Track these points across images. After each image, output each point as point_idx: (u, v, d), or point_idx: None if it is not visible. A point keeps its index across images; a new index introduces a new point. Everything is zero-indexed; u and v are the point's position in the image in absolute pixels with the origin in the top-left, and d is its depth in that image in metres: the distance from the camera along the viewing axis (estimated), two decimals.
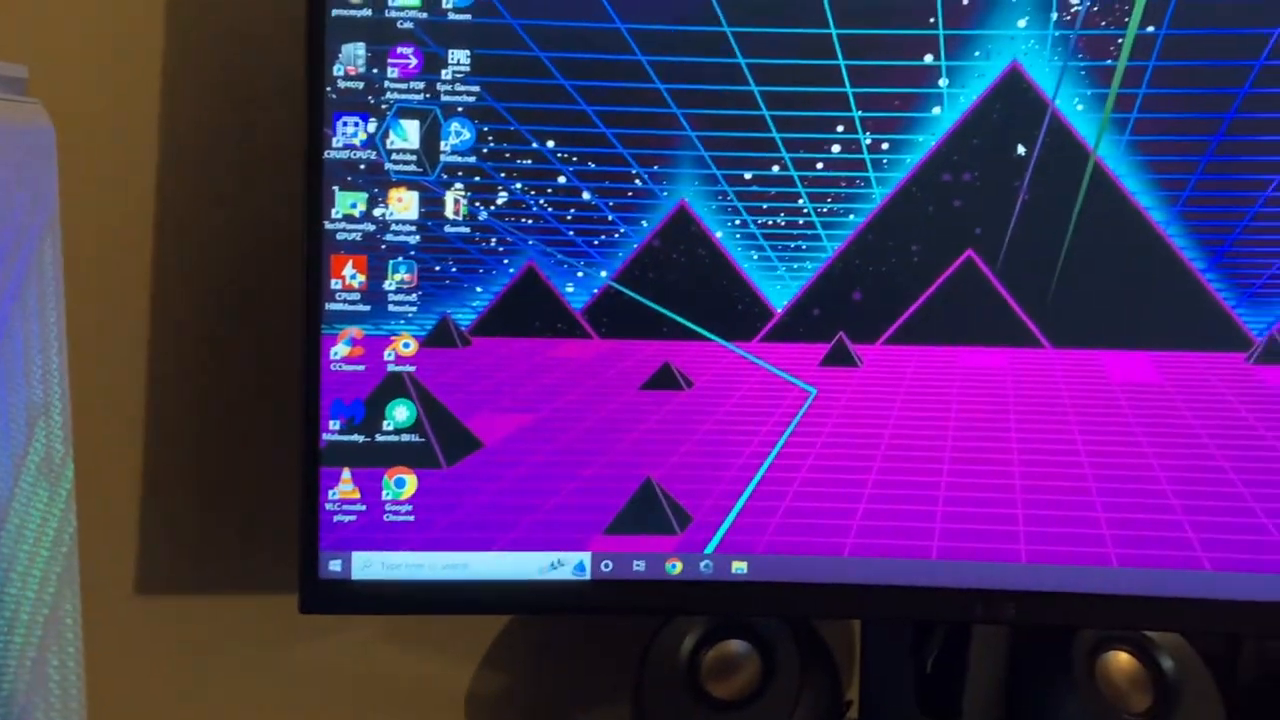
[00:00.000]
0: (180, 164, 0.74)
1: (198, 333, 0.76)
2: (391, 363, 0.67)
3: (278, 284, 0.73)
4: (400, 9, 0.65)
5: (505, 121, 0.66)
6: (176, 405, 0.76)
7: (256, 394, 0.76)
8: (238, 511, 0.77)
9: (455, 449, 0.67)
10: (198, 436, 0.77)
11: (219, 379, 0.77)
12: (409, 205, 0.66)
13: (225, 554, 0.78)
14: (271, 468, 0.74)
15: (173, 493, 0.76)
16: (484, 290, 0.67)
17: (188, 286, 0.75)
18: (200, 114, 0.74)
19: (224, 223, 0.76)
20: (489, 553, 0.68)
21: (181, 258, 0.75)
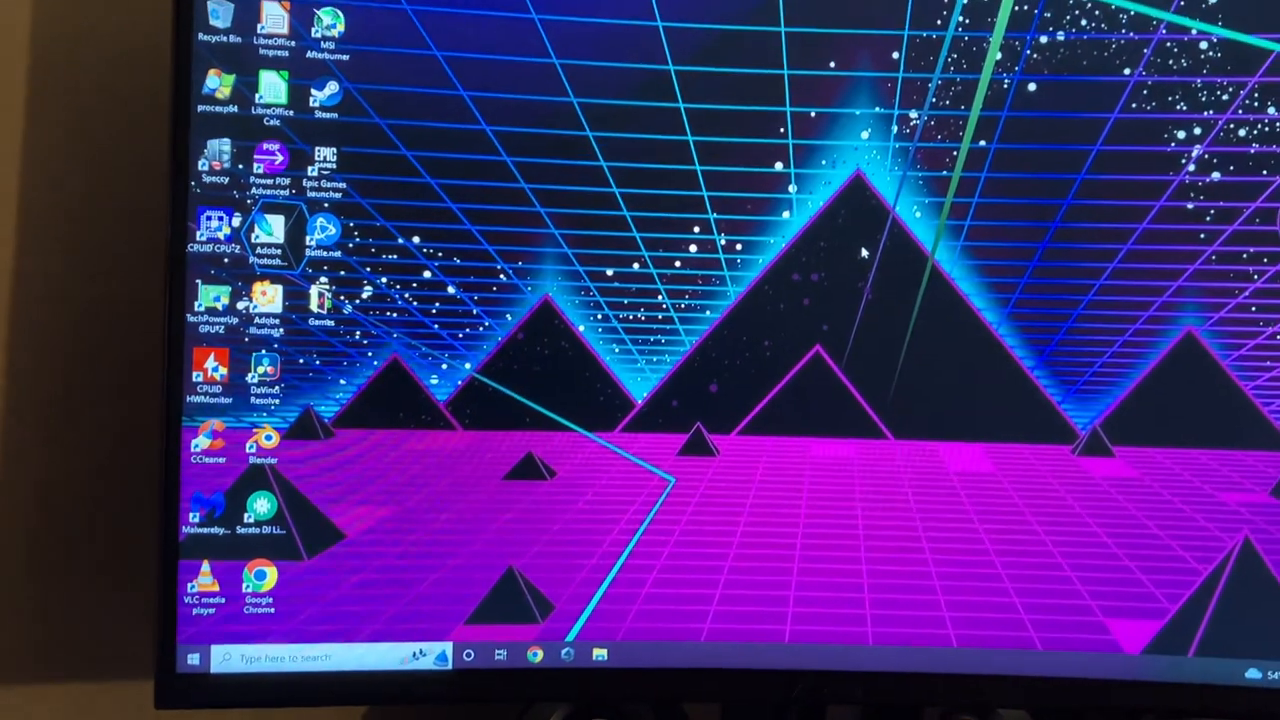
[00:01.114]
0: (37, 248, 0.74)
1: (57, 417, 0.75)
2: (253, 455, 0.68)
3: (138, 374, 0.73)
4: (267, 106, 0.67)
5: (371, 217, 0.68)
6: (29, 492, 0.75)
7: (114, 482, 0.76)
8: (88, 599, 0.76)
9: (317, 541, 0.68)
10: (52, 525, 0.76)
11: (71, 465, 0.76)
12: (273, 299, 0.68)
13: (74, 641, 0.77)
14: (126, 557, 0.74)
15: (24, 581, 0.75)
16: (347, 382, 0.69)
17: (47, 375, 0.75)
18: (61, 197, 0.75)
19: (82, 310, 0.75)
20: (351, 644, 0.69)
21: (40, 345, 0.74)
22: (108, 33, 0.75)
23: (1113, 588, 0.71)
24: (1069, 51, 0.69)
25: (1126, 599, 0.71)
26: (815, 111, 0.70)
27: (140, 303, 0.72)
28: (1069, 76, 0.69)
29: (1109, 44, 0.69)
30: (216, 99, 0.67)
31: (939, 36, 0.69)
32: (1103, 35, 0.69)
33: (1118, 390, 0.71)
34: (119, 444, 0.76)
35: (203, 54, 0.66)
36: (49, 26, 0.73)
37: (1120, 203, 0.70)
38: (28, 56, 0.73)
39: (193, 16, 0.66)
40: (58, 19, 0.74)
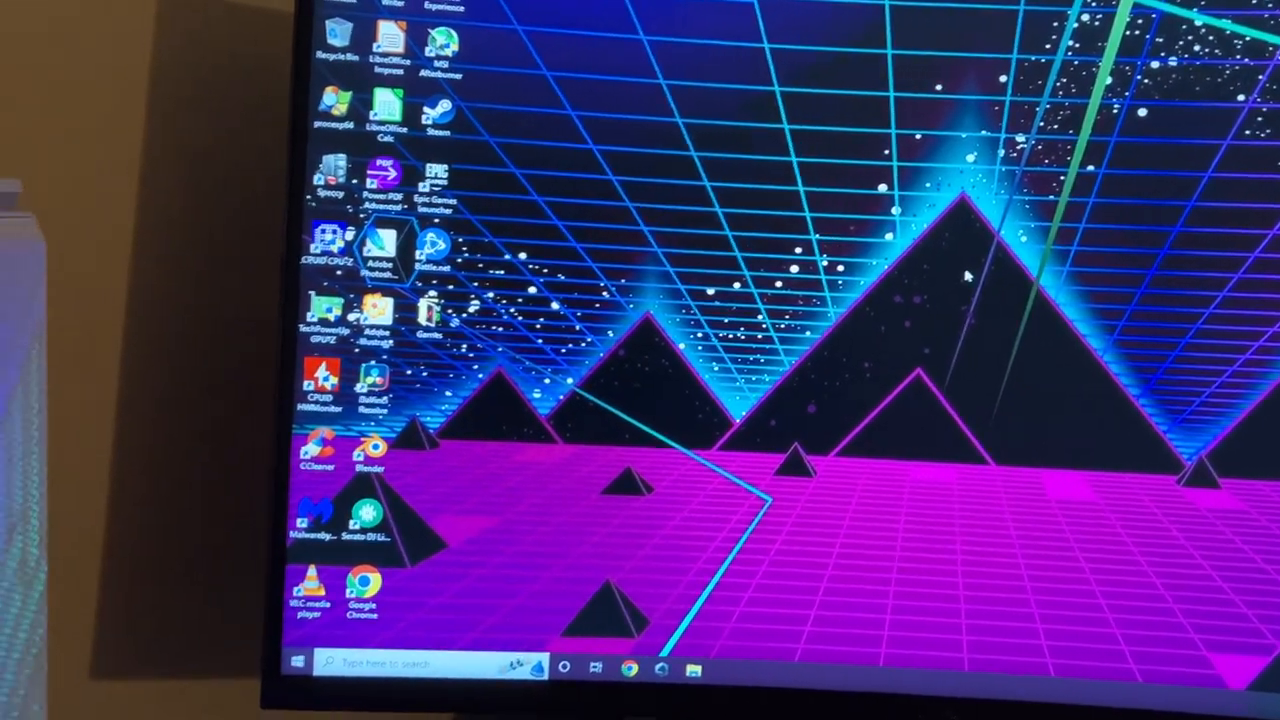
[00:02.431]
0: (155, 260, 0.77)
1: (169, 423, 0.79)
2: (360, 463, 0.70)
3: (252, 383, 0.76)
4: (381, 123, 0.70)
5: (479, 233, 0.70)
6: (143, 494, 0.78)
7: (226, 488, 0.79)
8: (200, 601, 0.79)
9: (419, 549, 0.71)
10: (163, 527, 0.79)
11: (184, 470, 0.79)
12: (383, 311, 0.70)
13: (184, 640, 0.80)
14: (236, 562, 0.77)
15: (134, 581, 0.78)
16: (453, 394, 0.71)
17: (162, 384, 0.78)
18: (180, 216, 0.78)
19: (198, 321, 0.79)
20: (449, 651, 0.71)
21: (155, 353, 0.78)
22: (226, 51, 0.78)
23: (1217, 621, 0.70)
24: (1181, 77, 0.69)
25: (1231, 633, 0.70)
26: (921, 134, 0.71)
27: (254, 314, 0.75)
28: (1181, 102, 0.69)
29: (1222, 70, 0.69)
30: (333, 115, 0.69)
31: (1048, 60, 0.70)
32: (1216, 61, 0.69)
33: (1225, 421, 0.71)
34: (230, 451, 0.79)
35: (321, 71, 0.69)
36: (170, 44, 0.77)
37: (1232, 230, 0.70)
38: (149, 73, 0.77)
39: (312, 35, 0.69)
40: (179, 37, 0.77)
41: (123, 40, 0.76)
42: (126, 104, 0.77)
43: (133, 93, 0.77)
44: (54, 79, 0.74)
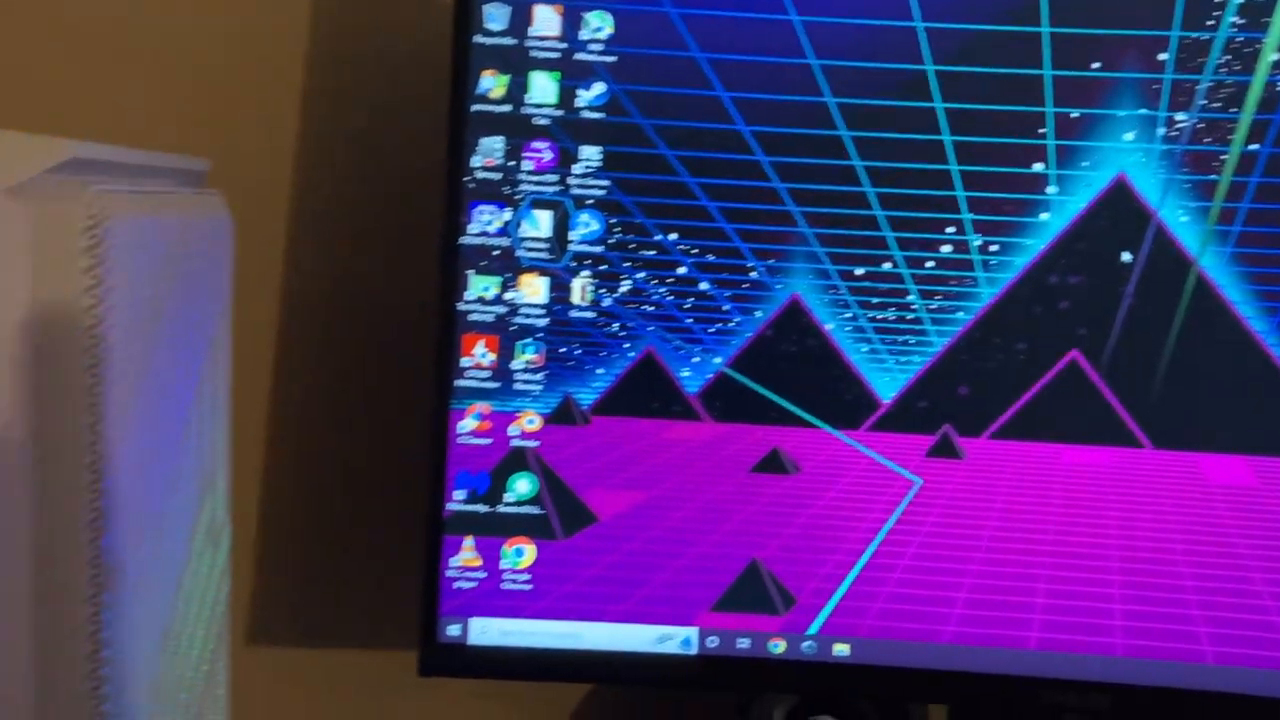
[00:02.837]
0: (316, 243, 0.80)
1: (329, 397, 0.82)
2: (516, 438, 0.72)
3: (410, 360, 0.79)
4: (538, 106, 0.71)
5: (631, 214, 0.72)
6: (301, 467, 0.81)
7: (383, 461, 0.82)
8: (356, 571, 0.83)
9: (572, 522, 0.72)
10: (321, 496, 0.82)
11: (346, 442, 0.82)
12: (538, 290, 0.72)
13: (340, 610, 0.83)
14: (392, 534, 0.79)
15: (291, 551, 0.81)
16: (605, 372, 0.72)
17: (321, 358, 0.81)
18: (342, 197, 0.81)
19: (357, 303, 0.82)
20: (601, 623, 0.72)
21: (315, 330, 0.81)
22: (382, 36, 0.81)
23: None
24: None
25: None
26: (1078, 113, 0.70)
27: (409, 294, 0.77)
28: None
29: None
30: (490, 99, 0.71)
31: (1209, 38, 0.69)
32: None
33: None
34: (388, 425, 0.81)
35: (479, 56, 0.71)
36: (325, 31, 0.79)
37: None
38: (304, 61, 0.80)
39: (470, 20, 0.71)
40: (334, 24, 0.80)
41: (277, 27, 0.79)
42: (283, 90, 0.80)
43: (288, 79, 0.80)
44: (209, 64, 0.78)
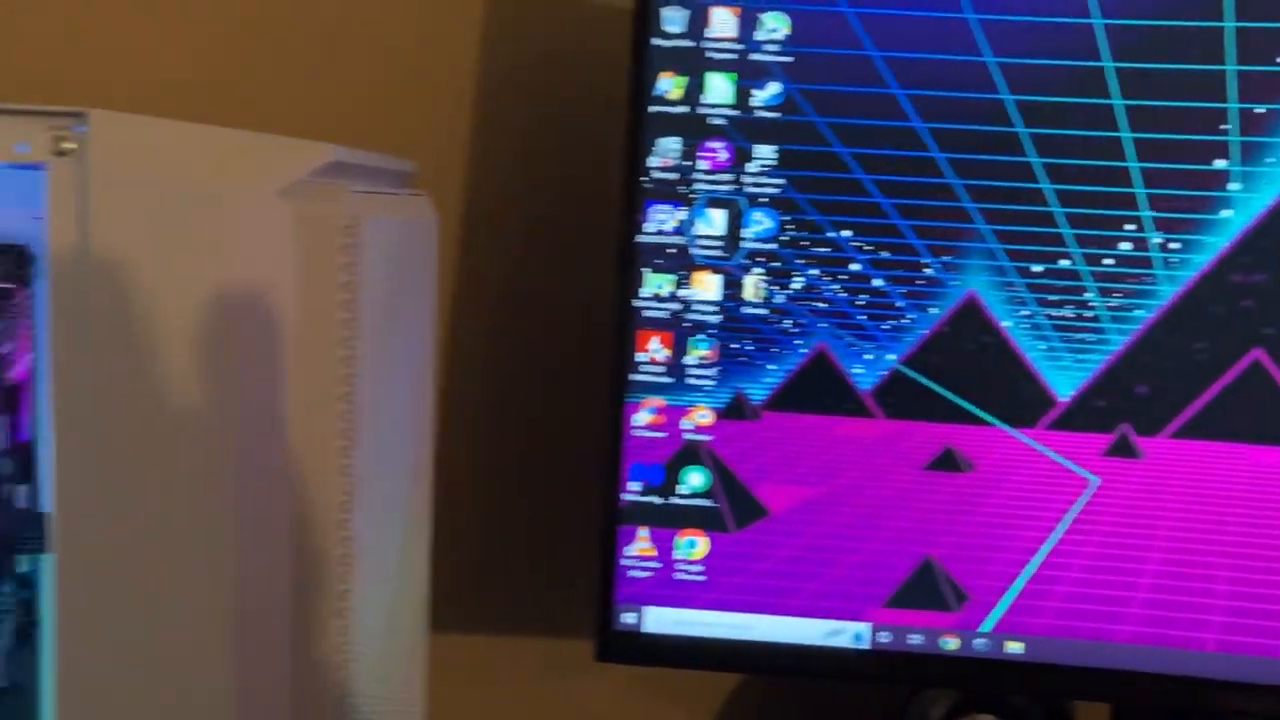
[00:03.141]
0: (494, 242, 0.83)
1: (508, 390, 0.84)
2: (689, 432, 0.74)
3: (581, 357, 0.81)
4: (714, 106, 0.73)
5: (805, 212, 0.73)
6: (479, 459, 0.84)
7: (560, 454, 0.84)
8: (534, 561, 0.85)
9: (744, 515, 0.74)
10: (499, 490, 0.85)
11: (524, 435, 0.85)
12: (711, 287, 0.74)
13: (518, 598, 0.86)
14: (565, 524, 0.82)
15: (471, 541, 0.84)
16: (777, 368, 0.74)
17: (500, 353, 0.84)
18: (519, 197, 0.83)
19: (538, 296, 0.84)
20: (772, 616, 0.74)
21: (493, 326, 0.84)
22: (560, 39, 0.83)
23: None
24: None
25: None
26: (1263, 108, 0.69)
27: (581, 293, 0.79)
28: None
29: None
30: (668, 100, 0.73)
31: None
32: None
33: None
34: (565, 419, 0.84)
35: (657, 58, 0.73)
36: (503, 35, 0.82)
37: None
38: (483, 64, 0.82)
39: (649, 23, 0.73)
40: (513, 29, 0.82)
41: (457, 32, 0.82)
42: (462, 92, 0.83)
43: (467, 82, 0.83)
44: (392, 66, 0.81)
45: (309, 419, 0.46)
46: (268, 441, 0.45)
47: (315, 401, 0.46)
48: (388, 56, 0.82)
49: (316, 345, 0.46)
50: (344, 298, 0.46)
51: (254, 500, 0.45)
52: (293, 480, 0.46)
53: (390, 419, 0.53)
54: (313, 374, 0.46)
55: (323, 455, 0.46)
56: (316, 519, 0.47)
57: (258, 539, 0.45)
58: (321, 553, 0.47)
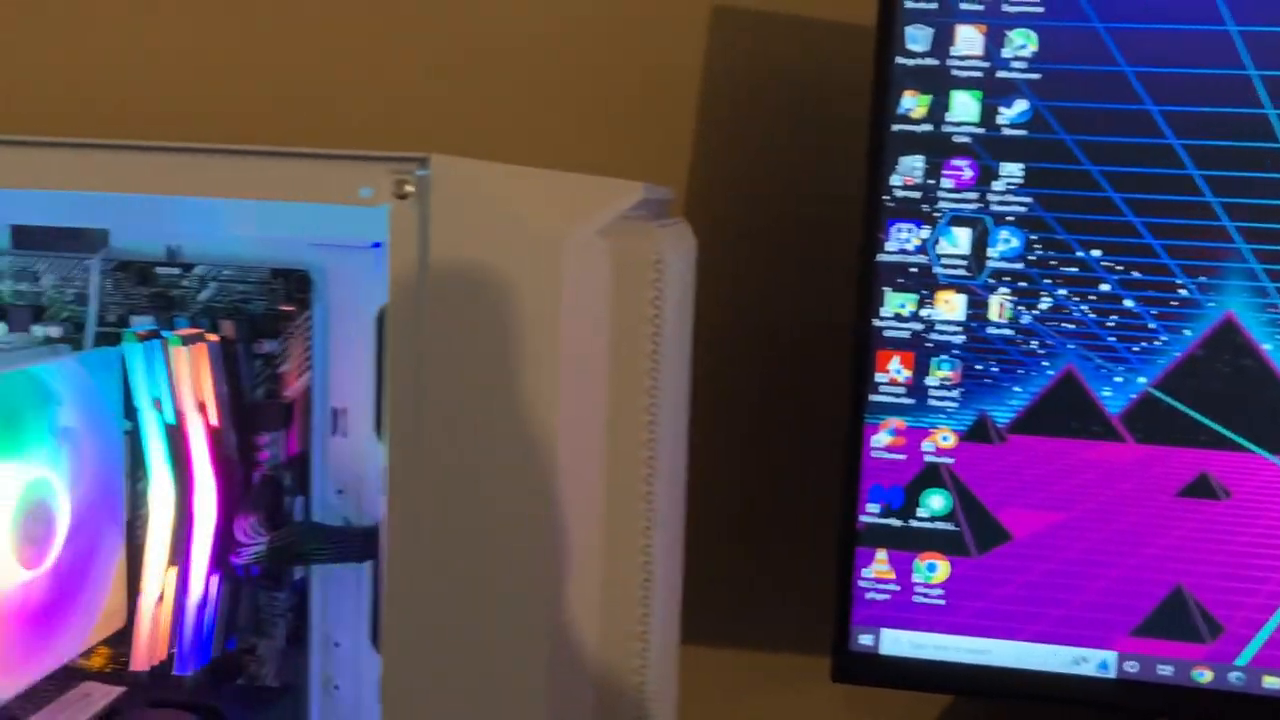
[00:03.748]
0: (733, 261, 0.84)
1: (747, 408, 0.86)
2: (930, 454, 0.74)
3: (819, 377, 0.82)
4: (958, 124, 0.73)
5: (1053, 231, 0.72)
6: (720, 479, 0.86)
7: (799, 472, 0.86)
8: (773, 579, 0.87)
9: (986, 539, 0.74)
10: (739, 509, 0.87)
11: (763, 453, 0.87)
12: (955, 307, 0.73)
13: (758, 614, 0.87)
14: (806, 545, 0.83)
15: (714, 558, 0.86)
16: (1022, 390, 0.73)
17: (739, 371, 0.86)
18: (758, 215, 0.85)
19: (777, 315, 0.85)
20: (1014, 641, 0.73)
21: (733, 344, 0.85)
22: (802, 58, 0.84)
23: None
24: None
25: None
26: None
27: (825, 310, 0.80)
28: None
29: None
30: (911, 119, 0.73)
31: None
32: None
33: None
34: (804, 438, 0.85)
35: (900, 76, 0.73)
36: (745, 54, 0.84)
37: None
38: (723, 85, 0.84)
39: (892, 42, 0.73)
40: (755, 49, 0.84)
41: (696, 53, 0.84)
42: (703, 113, 0.85)
43: (702, 105, 0.84)
44: (629, 91, 0.83)
45: (618, 447, 0.48)
46: (583, 466, 0.47)
47: (624, 431, 0.48)
48: (627, 85, 0.84)
49: (626, 374, 0.48)
50: (651, 330, 0.48)
51: (568, 517, 0.47)
52: (602, 498, 0.48)
53: (675, 443, 0.55)
54: (623, 402, 0.48)
55: (630, 480, 0.49)
56: (622, 536, 0.49)
57: (569, 556, 0.47)
58: (626, 575, 0.49)
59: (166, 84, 0.88)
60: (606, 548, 0.49)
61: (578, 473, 0.47)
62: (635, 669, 0.50)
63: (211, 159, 0.48)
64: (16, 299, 0.72)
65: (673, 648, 0.62)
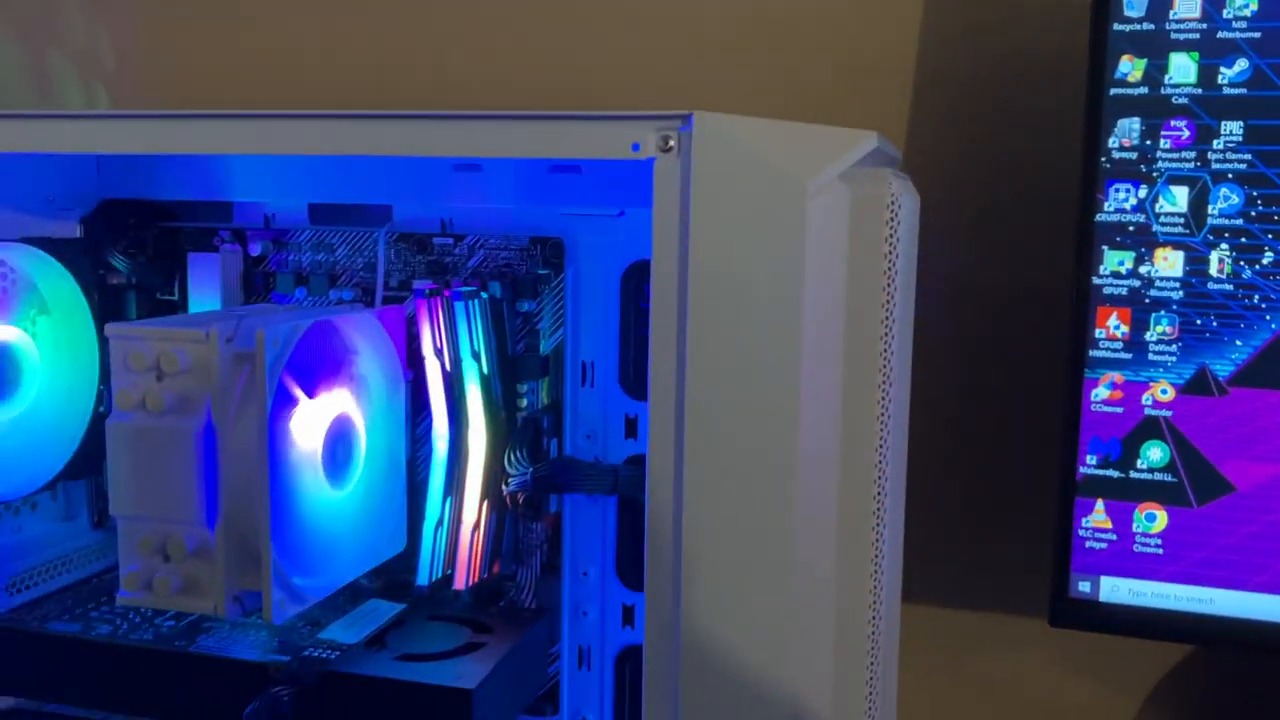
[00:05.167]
0: (955, 224, 0.90)
1: (967, 367, 0.92)
2: (1149, 407, 0.77)
3: (1038, 335, 0.86)
4: (1176, 85, 0.76)
5: (1275, 186, 0.74)
6: (946, 433, 0.91)
7: (1020, 427, 0.90)
8: (990, 536, 0.91)
9: (1206, 491, 0.76)
10: (961, 462, 0.92)
11: (981, 410, 0.92)
12: (1174, 264, 0.77)
13: (977, 571, 0.92)
14: (1023, 495, 0.87)
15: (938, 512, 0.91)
16: (1243, 344, 0.75)
17: (960, 329, 0.91)
18: (983, 188, 0.90)
19: (993, 276, 0.90)
20: (1237, 591, 0.75)
21: (954, 303, 0.91)
22: (1021, 26, 0.89)
23: None
24: None
25: None
26: None
27: (1044, 269, 0.85)
28: None
29: None
30: (1128, 82, 0.77)
31: None
32: None
33: None
34: (1023, 394, 0.90)
35: (1118, 42, 0.77)
36: (962, 21, 0.89)
37: None
38: (931, 49, 0.89)
39: (1109, 10, 0.77)
40: (977, 16, 0.89)
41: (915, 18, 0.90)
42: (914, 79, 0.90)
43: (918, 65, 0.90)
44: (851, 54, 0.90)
45: (854, 394, 0.54)
46: (825, 412, 0.54)
47: (860, 378, 0.54)
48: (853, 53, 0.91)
49: (863, 319, 0.54)
50: (886, 265, 0.54)
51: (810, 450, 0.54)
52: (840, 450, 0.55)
53: (901, 390, 0.61)
54: (859, 348, 0.54)
55: (864, 433, 0.55)
56: (857, 484, 0.55)
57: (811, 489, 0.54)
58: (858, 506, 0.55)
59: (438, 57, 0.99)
60: (842, 479, 0.55)
61: (818, 416, 0.54)
62: (868, 617, 0.56)
63: (502, 124, 0.57)
64: (315, 268, 0.85)
65: (895, 601, 0.68)
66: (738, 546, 0.56)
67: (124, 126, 0.67)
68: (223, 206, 0.86)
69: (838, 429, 0.56)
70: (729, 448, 0.55)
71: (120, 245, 0.85)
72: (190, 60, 1.04)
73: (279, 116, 0.62)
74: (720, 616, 0.57)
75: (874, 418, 0.58)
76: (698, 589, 0.57)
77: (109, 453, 0.68)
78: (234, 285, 0.86)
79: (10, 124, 0.68)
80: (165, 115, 0.65)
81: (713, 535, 0.56)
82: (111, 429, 0.68)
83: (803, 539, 0.56)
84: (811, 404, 0.54)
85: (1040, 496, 0.85)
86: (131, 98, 1.05)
